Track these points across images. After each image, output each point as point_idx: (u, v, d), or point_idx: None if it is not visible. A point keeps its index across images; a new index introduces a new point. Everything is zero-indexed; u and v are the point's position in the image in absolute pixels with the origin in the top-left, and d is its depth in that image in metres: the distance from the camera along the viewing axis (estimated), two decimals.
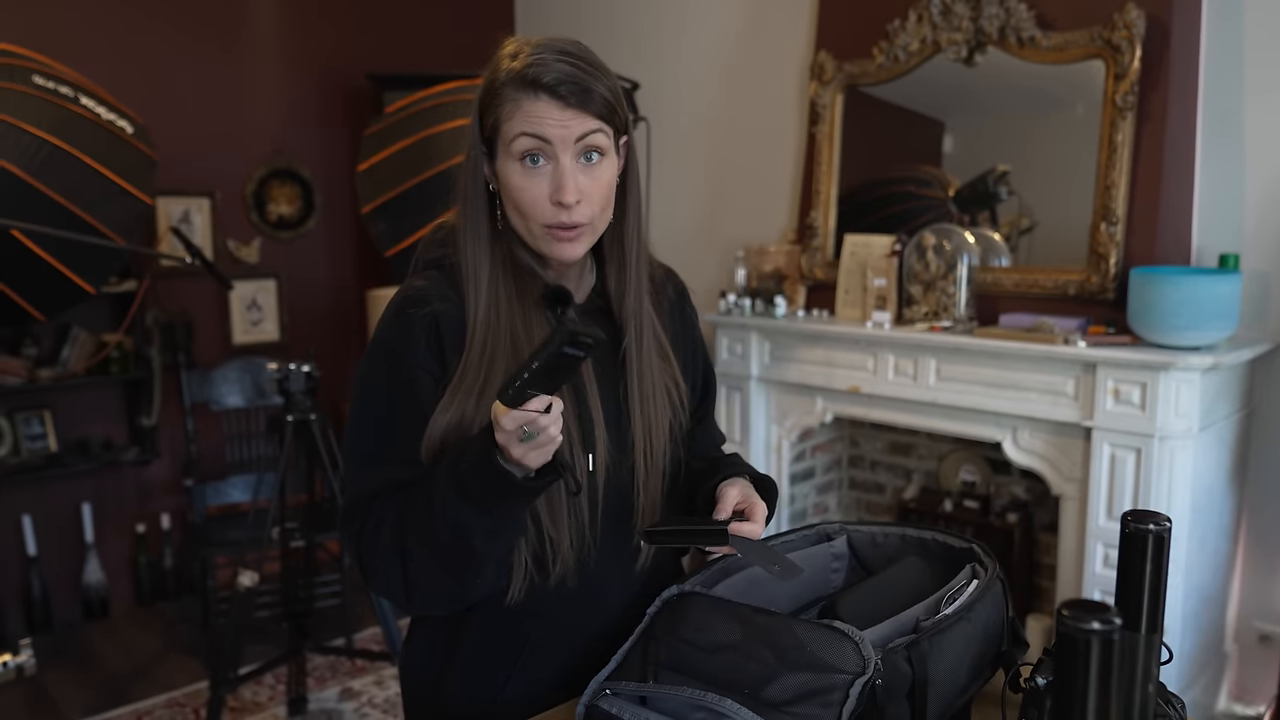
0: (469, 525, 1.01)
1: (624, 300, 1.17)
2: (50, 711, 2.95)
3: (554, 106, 1.03)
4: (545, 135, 1.04)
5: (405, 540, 1.05)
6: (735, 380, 3.20)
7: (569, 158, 1.05)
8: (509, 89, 1.05)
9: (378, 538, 1.07)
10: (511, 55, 1.06)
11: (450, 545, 1.03)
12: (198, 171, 3.71)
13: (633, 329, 1.17)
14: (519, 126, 1.04)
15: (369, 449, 1.11)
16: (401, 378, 1.10)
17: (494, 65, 1.08)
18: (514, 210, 1.09)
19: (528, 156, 1.05)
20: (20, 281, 2.19)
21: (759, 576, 1.17)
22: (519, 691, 1.16)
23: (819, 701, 0.89)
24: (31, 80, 2.14)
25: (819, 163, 3.19)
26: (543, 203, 1.06)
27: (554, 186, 1.05)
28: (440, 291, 1.12)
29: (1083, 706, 0.62)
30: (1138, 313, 2.35)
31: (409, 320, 1.10)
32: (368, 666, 3.20)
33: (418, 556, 1.05)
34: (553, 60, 1.04)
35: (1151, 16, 2.48)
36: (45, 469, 3.39)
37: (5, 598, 3.41)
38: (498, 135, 1.07)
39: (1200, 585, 2.46)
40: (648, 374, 1.18)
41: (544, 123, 1.04)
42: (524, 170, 1.06)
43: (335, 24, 4.02)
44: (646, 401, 1.17)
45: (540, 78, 1.03)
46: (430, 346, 1.10)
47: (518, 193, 1.07)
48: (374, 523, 1.08)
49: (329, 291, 4.14)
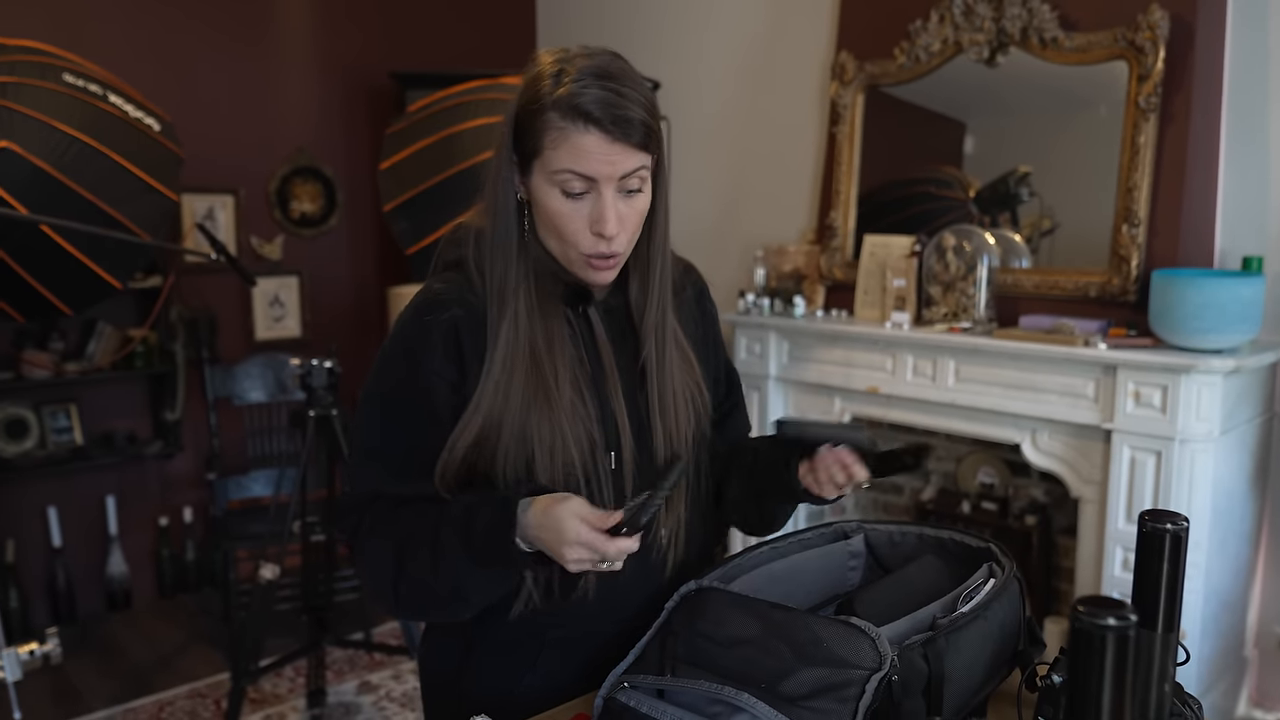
0: (469, 583, 1.06)
1: (646, 311, 1.17)
2: (74, 700, 2.99)
3: (602, 141, 1.02)
4: (591, 174, 1.03)
5: (403, 563, 1.07)
6: (754, 380, 3.20)
7: (611, 191, 1.05)
8: (555, 116, 1.02)
9: (371, 545, 1.10)
10: (556, 75, 1.03)
11: (447, 595, 1.07)
12: (222, 169, 3.75)
13: (654, 340, 1.17)
14: (565, 161, 1.03)
15: (374, 448, 1.13)
16: (416, 384, 1.10)
17: (535, 79, 1.05)
18: (550, 233, 1.10)
19: (567, 189, 1.05)
20: (49, 276, 2.22)
21: (776, 573, 1.18)
22: (537, 685, 1.17)
23: (835, 696, 0.90)
24: (62, 78, 2.17)
25: (839, 163, 3.19)
26: (583, 232, 1.06)
27: (595, 218, 1.05)
28: (459, 295, 1.12)
29: (1097, 703, 0.63)
30: (1159, 315, 2.34)
31: (427, 326, 1.10)
32: (385, 660, 3.23)
33: (412, 581, 1.08)
34: (601, 91, 1.01)
35: (1176, 17, 2.47)
36: (71, 462, 3.44)
37: (31, 588, 3.46)
38: (537, 157, 1.05)
39: (1220, 589, 2.45)
40: (669, 383, 1.18)
41: (591, 159, 1.02)
42: (563, 199, 1.06)
43: (359, 24, 4.05)
44: (668, 411, 1.18)
45: (590, 111, 1.01)
46: (448, 352, 1.10)
47: (557, 219, 1.07)
48: (369, 526, 1.10)
49: (350, 288, 4.17)
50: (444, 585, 1.07)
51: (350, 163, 4.10)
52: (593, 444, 1.11)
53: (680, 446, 1.19)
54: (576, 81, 1.01)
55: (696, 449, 1.22)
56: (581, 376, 1.13)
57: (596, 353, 1.15)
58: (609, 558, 0.98)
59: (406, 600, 1.10)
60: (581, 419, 1.11)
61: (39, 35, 2.45)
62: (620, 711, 0.97)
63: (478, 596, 1.08)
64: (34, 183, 2.07)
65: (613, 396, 1.14)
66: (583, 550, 0.97)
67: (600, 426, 1.12)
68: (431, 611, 1.14)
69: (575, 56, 1.05)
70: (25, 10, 3.26)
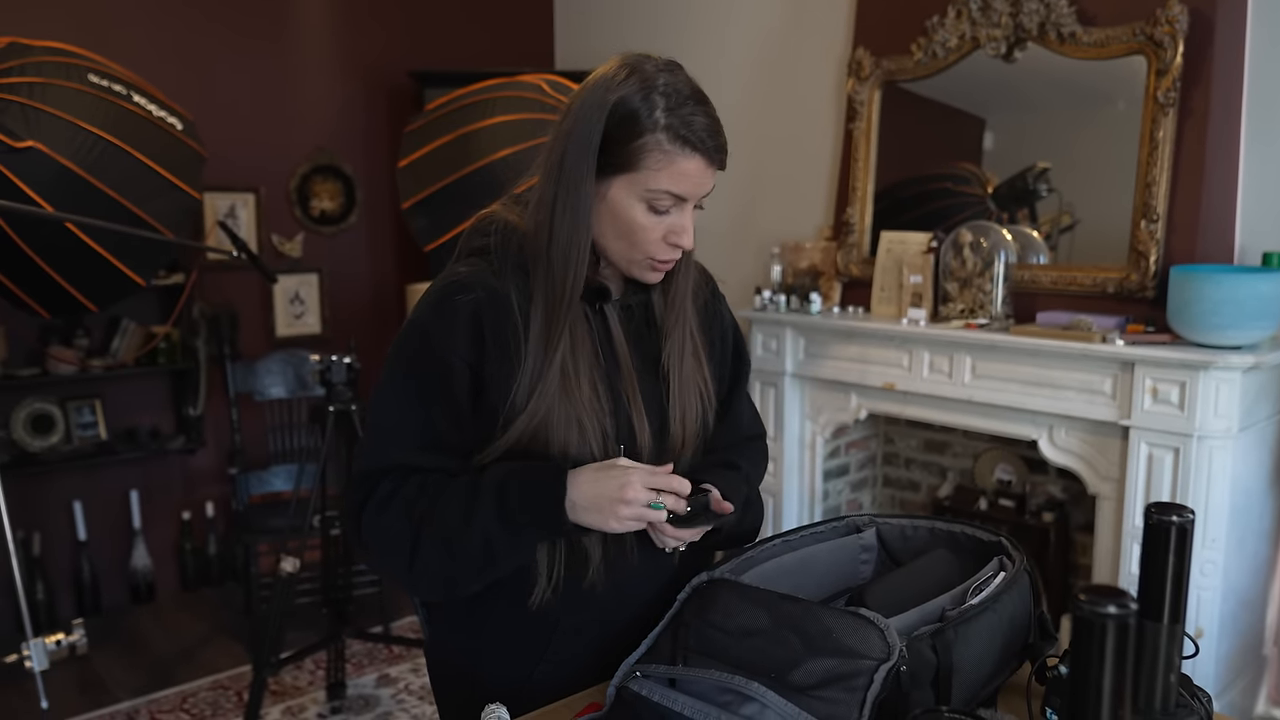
0: (500, 544, 1.07)
1: (670, 312, 1.21)
2: (100, 691, 3.04)
3: (701, 166, 1.08)
4: (686, 195, 1.10)
5: (421, 529, 1.08)
6: (770, 376, 3.21)
7: (691, 206, 1.12)
8: (664, 139, 1.06)
9: (385, 515, 1.10)
10: (649, 92, 1.06)
11: (476, 554, 1.08)
12: (243, 168, 3.79)
13: (676, 337, 1.20)
14: (665, 184, 1.08)
15: (391, 423, 1.14)
16: (435, 359, 1.12)
17: (629, 97, 1.07)
18: (619, 238, 1.12)
19: (657, 205, 1.09)
20: (74, 273, 2.26)
21: (788, 565, 1.19)
22: (549, 675, 1.18)
23: (844, 686, 0.91)
24: (87, 79, 2.21)
25: (856, 159, 3.19)
26: (658, 242, 1.12)
27: (674, 230, 1.11)
28: (482, 279, 1.14)
29: (1098, 691, 0.64)
30: (1177, 311, 2.33)
31: (453, 306, 1.12)
32: (404, 654, 3.26)
33: (431, 548, 1.08)
34: (705, 119, 1.08)
35: (1195, 11, 2.45)
36: (95, 456, 3.49)
37: (57, 580, 3.52)
38: (629, 172, 1.08)
39: (1239, 588, 2.44)
40: (688, 379, 1.21)
41: (689, 182, 1.09)
42: (648, 213, 1.10)
43: (379, 23, 4.08)
44: (682, 410, 1.20)
45: (701, 141, 1.07)
46: (469, 334, 1.11)
47: (637, 231, 1.11)
48: (380, 498, 1.10)
49: (369, 286, 4.21)
50: (474, 543, 1.07)
51: (369, 161, 4.13)
52: (606, 438, 1.13)
53: (690, 439, 1.21)
54: (679, 108, 1.06)
55: (702, 443, 1.24)
56: (598, 373, 1.15)
57: (612, 349, 1.17)
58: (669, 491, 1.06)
59: (424, 561, 1.08)
60: (598, 413, 1.13)
61: (65, 37, 2.49)
62: (633, 700, 0.98)
63: (505, 559, 1.09)
64: (60, 181, 2.11)
65: (628, 392, 1.16)
66: (640, 490, 1.04)
67: (613, 420, 1.14)
68: (449, 573, 1.10)
69: (660, 73, 1.08)
70: (51, 13, 3.31)
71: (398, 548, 1.09)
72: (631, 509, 1.04)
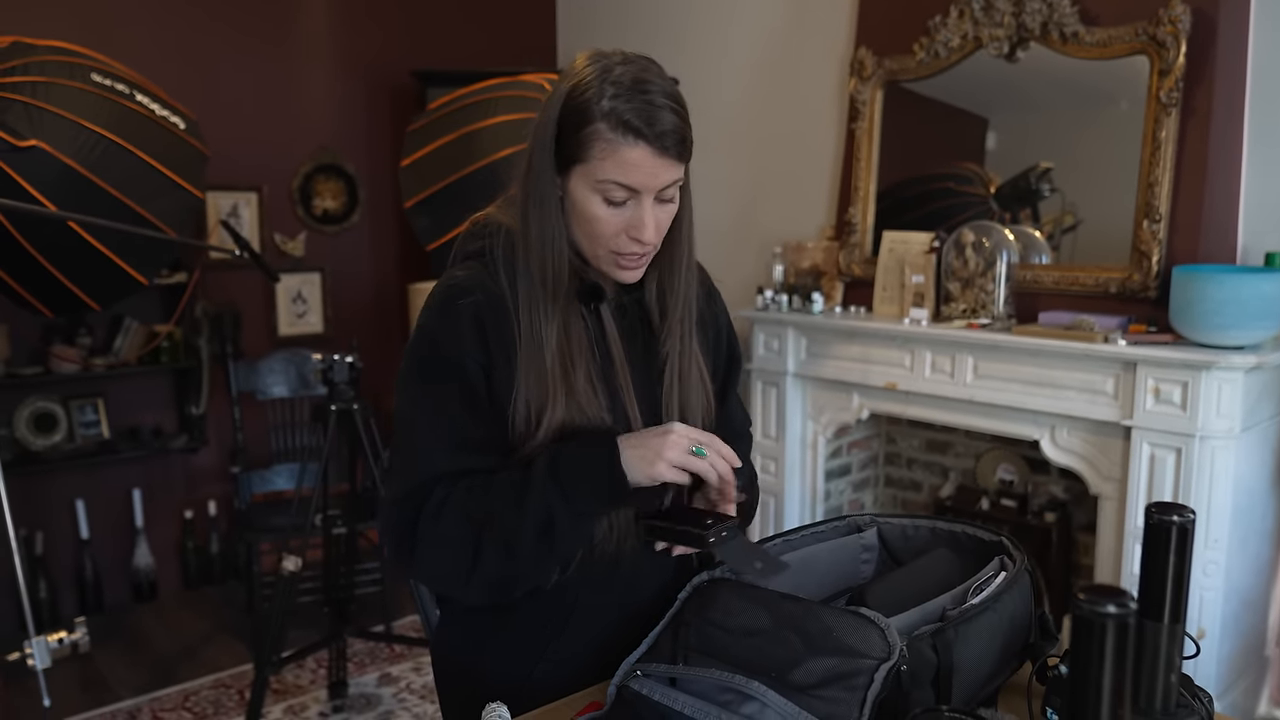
0: (561, 519, 1.06)
1: (670, 309, 1.20)
2: (102, 689, 3.04)
3: (649, 155, 1.05)
4: (636, 186, 1.06)
5: (482, 534, 1.07)
6: (771, 376, 3.21)
7: (650, 200, 1.08)
8: (604, 127, 1.05)
9: (442, 522, 1.09)
10: (601, 84, 1.05)
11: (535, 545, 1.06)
12: (246, 167, 3.79)
13: (677, 335, 1.20)
14: (611, 173, 1.06)
15: (420, 438, 1.13)
16: (449, 363, 1.12)
17: (580, 86, 1.06)
18: (583, 234, 1.12)
19: (610, 197, 1.08)
20: (77, 272, 2.27)
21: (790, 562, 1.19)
22: (550, 673, 1.19)
23: (844, 685, 0.91)
24: (90, 78, 2.21)
25: (858, 159, 3.19)
26: (620, 235, 1.10)
27: (633, 223, 1.09)
28: (480, 282, 1.14)
29: (1098, 690, 0.64)
30: (1179, 311, 2.33)
31: (456, 310, 1.13)
32: (406, 653, 3.26)
33: (493, 552, 1.07)
34: (649, 106, 1.05)
35: (1197, 11, 2.45)
36: (98, 455, 3.50)
37: (60, 579, 3.52)
38: (580, 164, 1.08)
39: (1241, 588, 2.43)
40: (690, 379, 1.21)
41: (637, 172, 1.05)
42: (604, 205, 1.08)
43: (381, 22, 4.08)
44: (688, 408, 1.21)
45: (640, 127, 1.04)
46: (475, 336, 1.12)
47: (595, 223, 1.09)
48: (434, 506, 1.09)
49: (371, 285, 4.21)
50: (532, 531, 1.05)
51: (372, 160, 4.14)
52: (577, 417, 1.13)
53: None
54: (626, 95, 1.04)
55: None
56: (594, 372, 1.15)
57: (606, 348, 1.18)
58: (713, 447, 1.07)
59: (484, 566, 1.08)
60: (596, 409, 1.13)
61: (68, 36, 2.50)
62: (633, 699, 0.98)
63: (565, 541, 1.07)
64: (63, 180, 2.11)
65: (623, 390, 1.16)
66: (684, 434, 1.07)
67: (611, 416, 1.15)
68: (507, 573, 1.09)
69: (617, 65, 1.07)
70: (55, 12, 3.32)
71: (459, 555, 1.08)
72: (677, 452, 1.05)
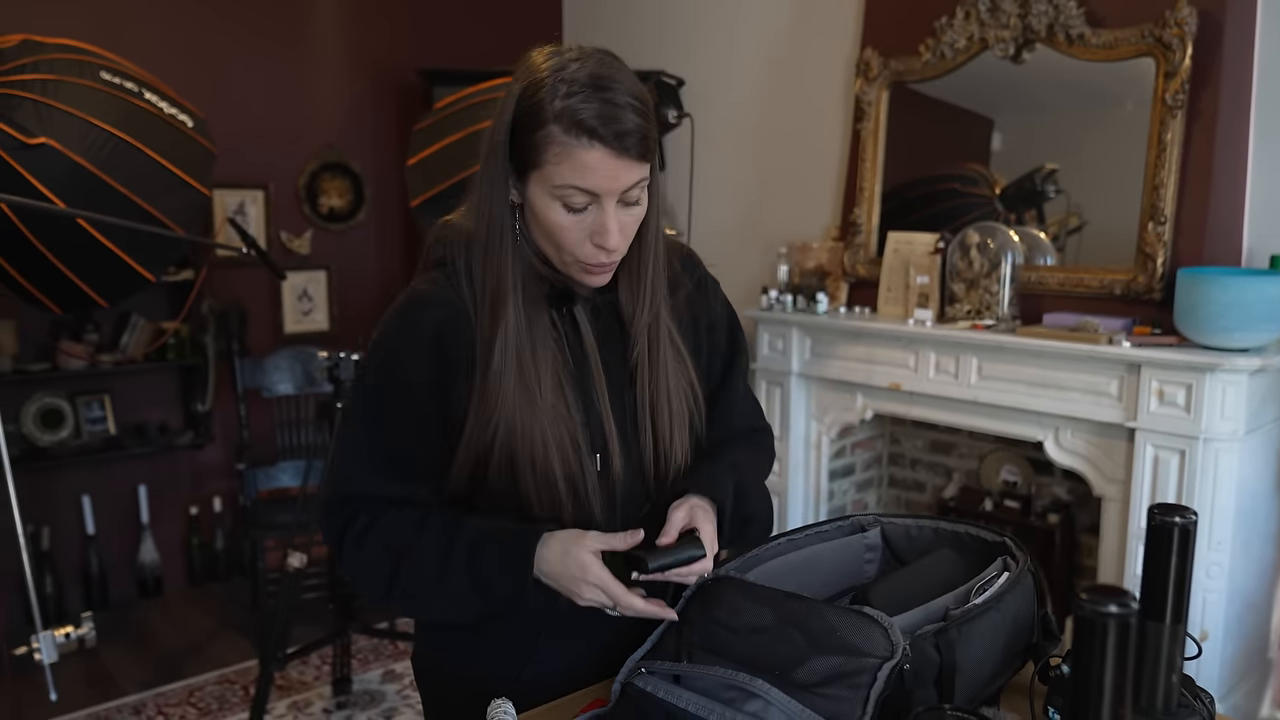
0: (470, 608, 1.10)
1: (636, 314, 1.16)
2: (108, 684, 3.06)
3: (606, 156, 1.00)
4: (595, 189, 1.01)
5: (400, 576, 1.10)
6: (776, 376, 3.21)
7: (613, 204, 1.03)
8: (558, 130, 1.00)
9: (363, 549, 1.11)
10: (553, 84, 1.00)
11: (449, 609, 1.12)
12: (253, 165, 3.80)
13: (644, 342, 1.16)
14: (568, 177, 1.01)
15: (361, 447, 1.14)
16: (400, 383, 1.11)
17: (532, 87, 1.02)
18: (546, 241, 1.08)
19: (569, 203, 1.03)
20: (85, 268, 2.28)
21: (793, 564, 1.19)
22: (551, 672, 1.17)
23: (848, 684, 0.92)
24: (99, 76, 2.22)
25: (863, 159, 3.20)
26: (583, 243, 1.05)
27: (596, 229, 1.04)
28: (442, 295, 1.12)
29: (1099, 689, 0.64)
30: (1184, 313, 2.33)
31: (412, 323, 1.11)
32: (409, 650, 3.26)
33: (409, 595, 1.11)
34: (602, 104, 0.99)
35: (1204, 13, 2.45)
36: (104, 451, 3.51)
37: (66, 574, 3.54)
38: (536, 169, 1.03)
39: (1244, 591, 2.44)
40: (661, 382, 1.17)
41: (595, 175, 1.00)
42: (565, 212, 1.04)
43: (388, 20, 4.09)
44: (659, 412, 1.17)
45: (595, 128, 0.98)
46: (432, 352, 1.10)
47: (557, 230, 1.05)
48: (358, 531, 1.11)
49: (377, 283, 4.22)
50: (447, 600, 1.10)
51: (378, 159, 4.15)
52: (576, 447, 1.11)
53: (672, 441, 1.18)
54: (582, 94, 0.99)
55: (693, 441, 1.21)
56: (565, 378, 1.12)
57: (582, 352, 1.15)
58: (620, 605, 1.05)
59: (401, 606, 1.14)
60: (564, 421, 1.10)
61: (78, 35, 2.51)
62: (638, 696, 0.99)
63: (480, 611, 1.11)
64: (72, 178, 2.13)
65: (598, 397, 1.14)
66: (598, 593, 1.05)
67: (585, 429, 1.12)
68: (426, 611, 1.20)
69: (569, 61, 1.02)
70: (64, 10, 3.33)
71: (376, 583, 1.12)
72: (593, 591, 1.05)
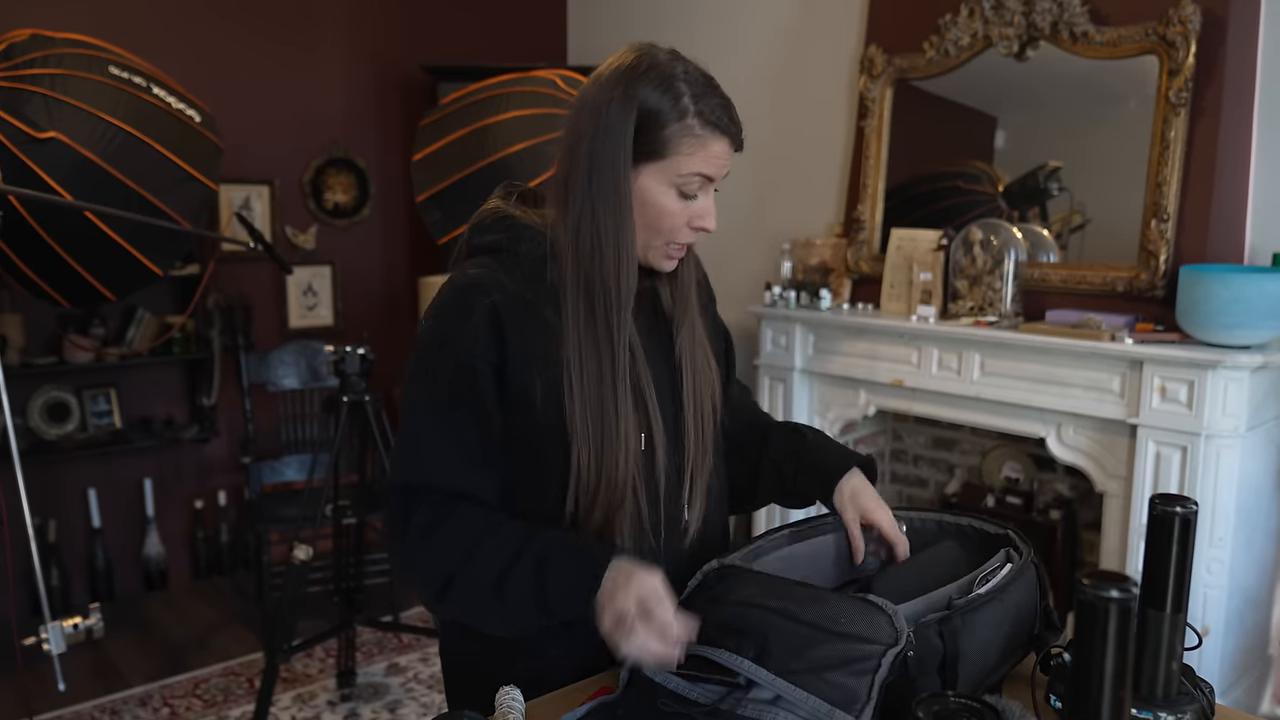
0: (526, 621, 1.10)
1: (678, 298, 1.24)
2: (114, 676, 3.08)
3: (728, 148, 1.14)
4: (715, 175, 1.14)
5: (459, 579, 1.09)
6: (779, 372, 3.23)
7: (712, 189, 1.16)
8: (696, 125, 1.10)
9: (427, 548, 1.10)
10: (675, 80, 1.10)
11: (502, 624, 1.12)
12: (258, 160, 3.82)
13: (686, 324, 1.23)
14: (699, 166, 1.11)
15: (425, 437, 1.13)
16: (458, 365, 1.11)
17: (656, 84, 1.09)
18: (645, 226, 1.14)
19: (687, 190, 1.12)
20: (93, 262, 2.29)
21: (798, 555, 1.21)
22: (561, 659, 1.19)
23: (852, 670, 0.93)
24: (108, 71, 2.24)
25: (867, 156, 3.20)
26: (682, 228, 1.15)
27: (698, 213, 1.15)
28: (497, 280, 1.14)
29: (1100, 674, 0.65)
30: (1186, 310, 2.34)
31: (469, 307, 1.12)
32: (414, 643, 3.29)
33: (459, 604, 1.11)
34: (725, 103, 1.13)
35: (1207, 12, 2.46)
36: (110, 444, 3.53)
37: (72, 567, 3.56)
38: (659, 159, 1.11)
39: (1245, 587, 2.45)
40: (699, 361, 1.23)
41: (718, 164, 1.13)
42: (678, 199, 1.13)
43: (393, 17, 4.10)
44: (699, 389, 1.22)
45: (726, 125, 1.12)
46: (491, 337, 1.11)
47: (664, 216, 1.13)
48: (422, 528, 1.11)
49: (382, 278, 4.24)
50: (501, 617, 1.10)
51: (383, 154, 4.16)
52: (626, 425, 1.13)
53: (706, 419, 1.23)
54: (704, 94, 1.11)
55: (716, 420, 1.26)
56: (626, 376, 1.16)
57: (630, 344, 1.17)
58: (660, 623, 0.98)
59: (452, 608, 1.13)
60: (614, 402, 1.13)
61: (86, 30, 2.52)
62: (645, 682, 1.00)
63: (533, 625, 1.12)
64: (80, 171, 2.14)
65: (642, 377, 1.17)
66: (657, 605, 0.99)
67: (635, 415, 1.15)
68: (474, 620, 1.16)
69: (677, 63, 1.12)
70: (74, 6, 3.34)
71: (431, 585, 1.11)
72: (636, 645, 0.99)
